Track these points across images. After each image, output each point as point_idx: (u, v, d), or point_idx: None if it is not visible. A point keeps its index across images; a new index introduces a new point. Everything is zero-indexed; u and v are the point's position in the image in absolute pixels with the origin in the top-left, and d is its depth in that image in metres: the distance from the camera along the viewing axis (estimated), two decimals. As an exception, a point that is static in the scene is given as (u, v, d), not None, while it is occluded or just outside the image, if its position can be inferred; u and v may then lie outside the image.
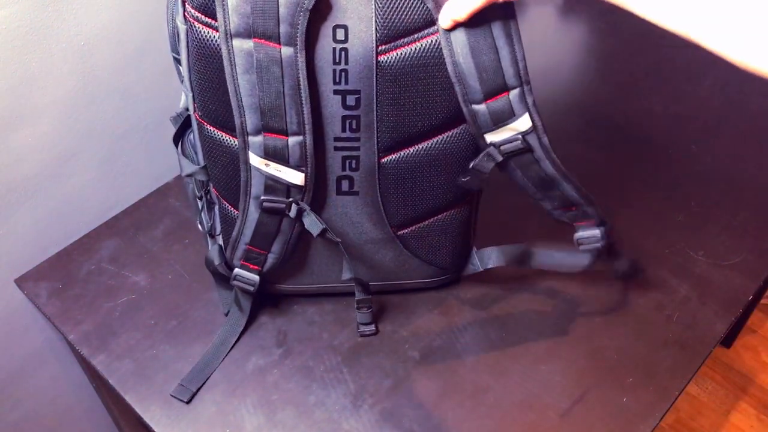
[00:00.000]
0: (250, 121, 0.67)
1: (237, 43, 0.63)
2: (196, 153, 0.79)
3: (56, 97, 0.87)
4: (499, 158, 0.72)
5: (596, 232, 0.78)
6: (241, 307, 0.85)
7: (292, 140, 0.68)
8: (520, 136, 0.70)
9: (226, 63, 0.64)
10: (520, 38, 0.66)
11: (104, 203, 1.01)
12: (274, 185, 0.72)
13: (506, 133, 0.70)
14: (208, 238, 0.86)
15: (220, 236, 0.83)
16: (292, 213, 0.74)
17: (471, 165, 0.73)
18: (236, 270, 0.81)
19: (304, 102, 0.66)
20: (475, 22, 0.64)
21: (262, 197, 0.73)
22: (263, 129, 0.68)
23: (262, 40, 0.63)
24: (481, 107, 0.68)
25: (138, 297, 0.90)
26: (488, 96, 0.68)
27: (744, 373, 1.59)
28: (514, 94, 0.68)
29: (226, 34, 0.63)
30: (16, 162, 0.87)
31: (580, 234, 0.78)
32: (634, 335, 0.84)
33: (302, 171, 0.71)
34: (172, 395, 0.80)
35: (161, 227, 0.99)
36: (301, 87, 0.65)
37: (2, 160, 0.86)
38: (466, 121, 0.70)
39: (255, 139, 0.69)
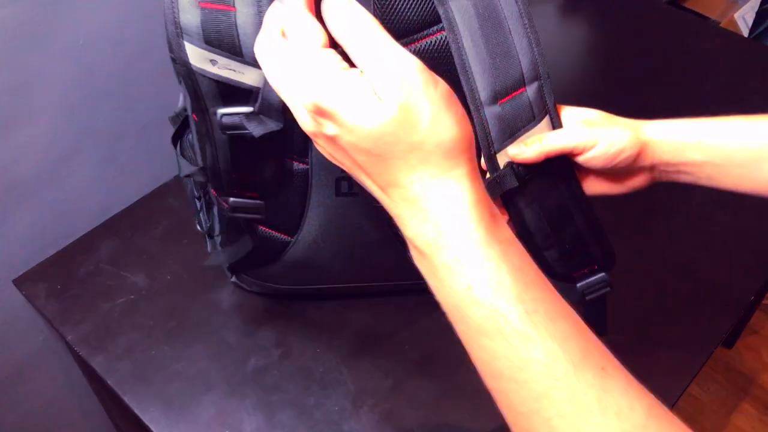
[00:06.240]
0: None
1: None
2: (194, 153, 0.78)
3: (55, 97, 0.87)
4: (516, 183, 0.55)
5: (601, 275, 0.61)
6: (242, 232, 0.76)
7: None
8: None
9: None
10: (533, 19, 0.53)
11: (103, 203, 1.01)
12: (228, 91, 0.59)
13: None
14: (207, 239, 0.85)
15: (219, 237, 0.83)
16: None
17: None
18: (231, 200, 0.71)
19: None
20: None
21: (219, 110, 0.60)
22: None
23: None
24: (494, 110, 0.53)
25: (137, 297, 0.90)
26: (502, 94, 0.53)
27: (745, 374, 1.59)
28: (532, 89, 0.54)
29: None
30: (15, 162, 0.87)
31: (584, 283, 0.62)
32: (633, 335, 0.84)
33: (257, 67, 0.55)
34: (206, 264, 0.83)
35: (160, 227, 0.99)
36: None
37: (1, 160, 0.85)
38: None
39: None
